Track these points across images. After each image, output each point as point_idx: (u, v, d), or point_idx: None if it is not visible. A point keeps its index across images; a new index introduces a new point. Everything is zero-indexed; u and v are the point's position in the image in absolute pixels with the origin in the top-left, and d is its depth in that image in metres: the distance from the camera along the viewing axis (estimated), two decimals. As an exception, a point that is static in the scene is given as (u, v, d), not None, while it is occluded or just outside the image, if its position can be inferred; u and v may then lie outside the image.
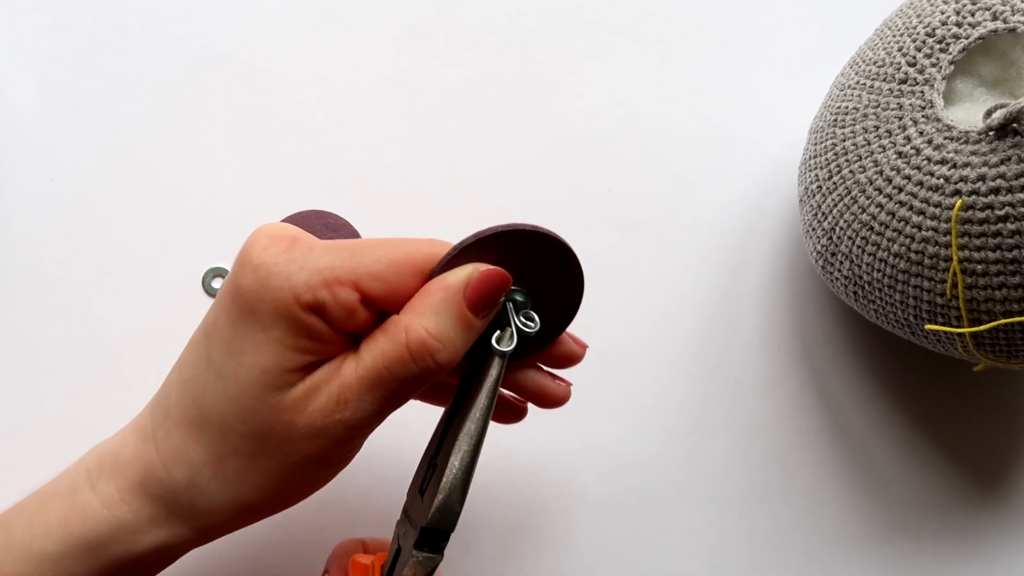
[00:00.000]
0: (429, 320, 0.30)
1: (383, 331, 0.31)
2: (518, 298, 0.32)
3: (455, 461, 0.30)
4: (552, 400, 0.35)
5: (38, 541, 0.31)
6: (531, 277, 0.32)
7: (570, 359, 0.36)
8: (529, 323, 0.32)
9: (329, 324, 0.30)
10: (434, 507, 0.30)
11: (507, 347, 0.31)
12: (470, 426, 0.30)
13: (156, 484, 0.31)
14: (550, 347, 0.35)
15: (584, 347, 0.36)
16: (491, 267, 0.31)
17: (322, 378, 0.30)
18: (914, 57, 0.37)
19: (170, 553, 0.32)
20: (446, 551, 0.31)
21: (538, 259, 0.32)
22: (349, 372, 0.30)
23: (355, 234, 0.45)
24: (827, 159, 0.39)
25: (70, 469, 0.34)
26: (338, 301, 0.30)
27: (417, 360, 0.30)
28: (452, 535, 0.31)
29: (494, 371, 0.31)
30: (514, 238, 0.31)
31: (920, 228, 0.35)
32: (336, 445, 0.30)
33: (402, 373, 0.30)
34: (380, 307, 0.31)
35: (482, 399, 0.31)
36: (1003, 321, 0.35)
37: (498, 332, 0.31)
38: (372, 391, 0.30)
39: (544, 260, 0.32)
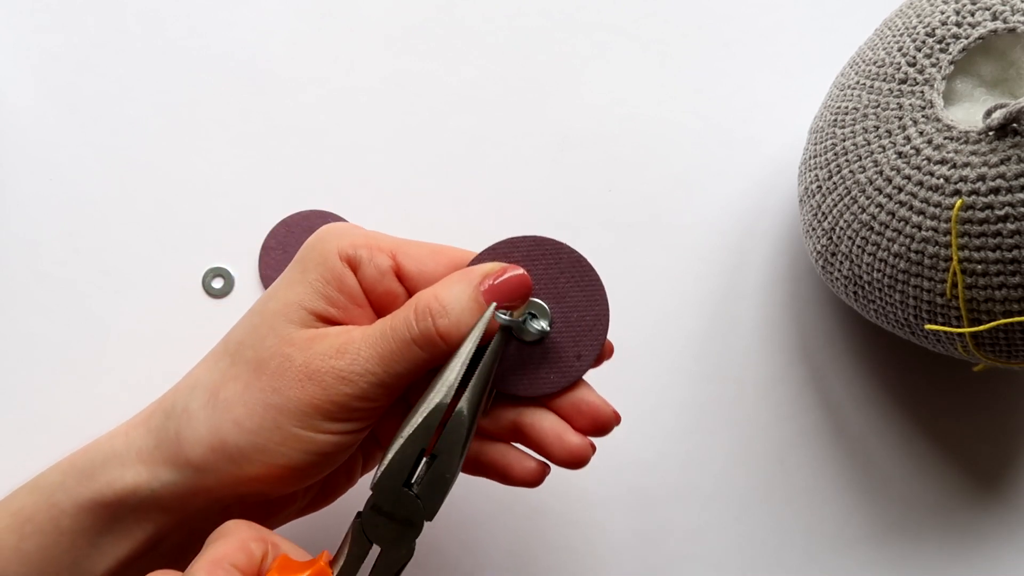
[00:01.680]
0: (440, 289, 0.31)
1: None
2: (538, 304, 0.33)
3: (460, 453, 0.30)
4: (567, 457, 0.32)
5: (45, 474, 0.33)
6: (555, 296, 0.32)
7: (598, 421, 0.32)
8: (537, 324, 0.32)
9: (361, 284, 0.32)
10: (441, 500, 0.30)
11: (502, 317, 0.31)
12: (466, 410, 0.30)
13: (160, 414, 0.33)
14: (573, 395, 0.32)
15: (614, 415, 0.32)
16: (516, 266, 0.32)
17: (334, 332, 0.31)
18: (914, 57, 0.37)
19: (147, 507, 0.32)
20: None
21: (565, 279, 0.32)
22: (357, 329, 0.31)
23: (355, 234, 0.45)
24: (827, 159, 0.39)
25: None
26: (373, 261, 0.32)
27: (419, 320, 0.30)
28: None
29: (491, 347, 0.31)
30: (545, 246, 0.32)
31: (920, 228, 0.35)
32: (323, 393, 0.30)
33: (401, 332, 0.30)
34: (409, 287, 0.32)
35: (478, 380, 0.30)
36: (1003, 321, 0.35)
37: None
38: (371, 347, 0.31)
39: (571, 281, 0.32)
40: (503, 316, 0.31)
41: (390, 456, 0.30)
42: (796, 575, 0.44)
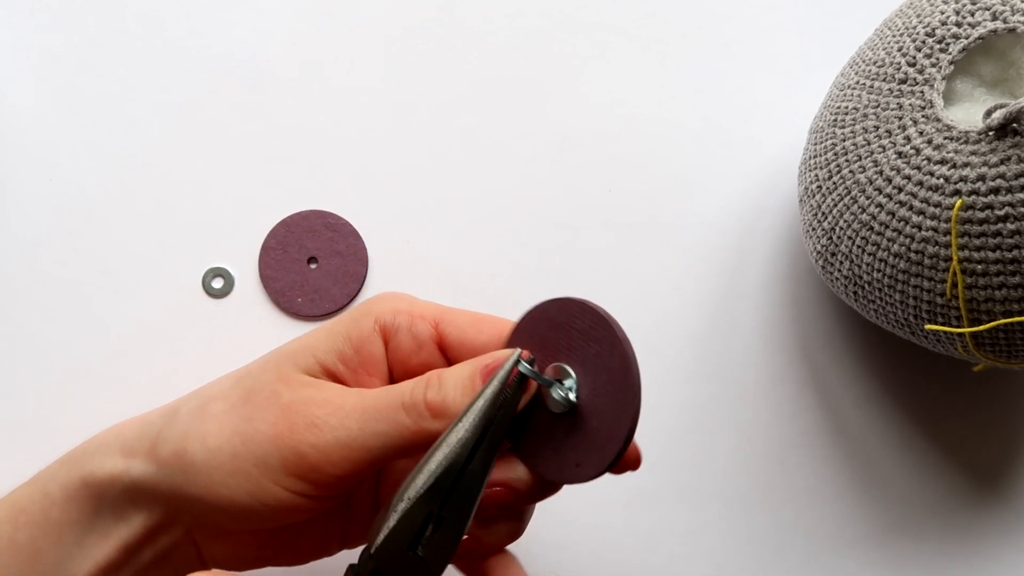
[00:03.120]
0: (447, 376, 0.29)
1: None
2: (567, 372, 0.29)
3: (469, 514, 0.27)
4: None
5: (48, 466, 0.34)
6: (589, 372, 0.29)
7: None
8: (562, 391, 0.29)
9: (395, 353, 0.31)
10: (445, 563, 0.28)
11: (528, 367, 0.28)
12: (478, 467, 0.27)
13: (159, 411, 0.33)
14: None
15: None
16: (510, 350, 0.29)
17: (335, 387, 0.31)
18: (914, 57, 0.37)
19: (126, 499, 0.32)
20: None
21: (590, 343, 0.29)
22: (357, 391, 0.30)
23: (355, 233, 0.45)
24: (827, 159, 0.39)
25: None
26: (412, 330, 0.31)
27: (415, 388, 0.29)
28: None
29: (490, 390, 0.28)
30: (594, 319, 0.28)
31: (920, 228, 0.35)
32: (288, 439, 0.29)
33: (395, 394, 0.29)
34: (452, 356, 0.31)
35: (471, 426, 0.27)
36: (1003, 321, 0.35)
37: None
38: (358, 400, 0.29)
39: (595, 346, 0.29)
40: (526, 366, 0.28)
41: (395, 519, 0.27)
42: (796, 575, 0.44)
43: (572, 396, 0.28)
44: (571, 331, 0.29)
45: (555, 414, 0.29)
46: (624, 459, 0.29)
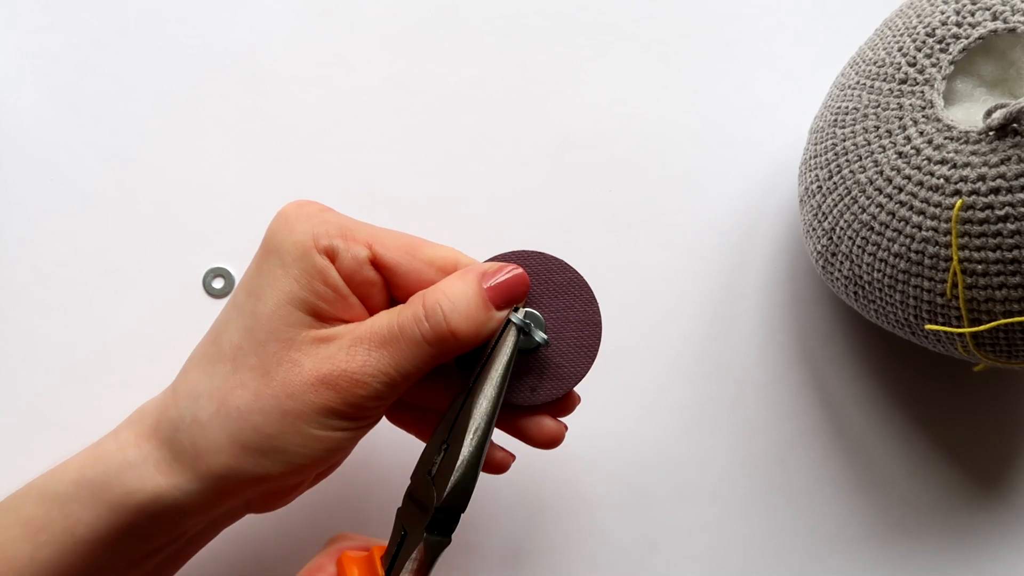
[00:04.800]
0: (447, 286, 0.32)
1: (404, 303, 0.32)
2: (535, 316, 0.34)
3: (469, 439, 0.31)
4: (543, 436, 0.35)
5: (52, 484, 0.33)
6: (552, 310, 0.34)
7: (553, 440, 0.35)
8: (539, 335, 0.33)
9: (340, 274, 0.32)
10: (449, 485, 0.31)
11: (518, 318, 0.32)
12: (482, 403, 0.31)
13: (167, 425, 0.32)
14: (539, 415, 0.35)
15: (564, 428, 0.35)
16: (514, 267, 0.33)
17: (337, 332, 0.32)
18: (914, 57, 0.37)
19: (170, 514, 0.32)
20: (445, 552, 0.31)
21: (562, 295, 0.34)
22: (362, 329, 0.32)
23: (355, 234, 0.45)
24: (827, 159, 0.39)
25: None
26: (350, 252, 0.32)
27: (430, 317, 0.31)
28: (455, 534, 0.31)
29: (509, 345, 0.32)
30: (536, 261, 0.33)
31: (920, 228, 0.35)
32: (338, 396, 0.31)
33: (413, 331, 0.31)
34: (388, 277, 0.33)
35: (495, 374, 0.32)
36: (1003, 321, 0.35)
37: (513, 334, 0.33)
38: (382, 347, 0.31)
39: (566, 298, 0.34)
40: (517, 317, 0.32)
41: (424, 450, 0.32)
42: (796, 575, 0.44)
43: (544, 336, 0.33)
44: (547, 283, 0.33)
45: (521, 351, 0.34)
46: (569, 402, 0.35)
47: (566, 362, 0.34)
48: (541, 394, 0.34)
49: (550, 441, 0.35)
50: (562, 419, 0.35)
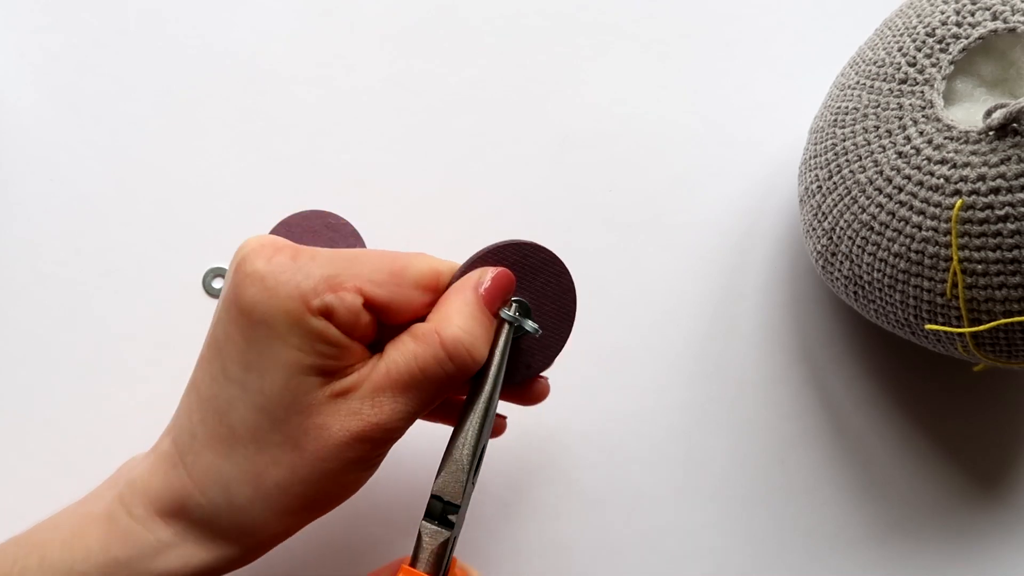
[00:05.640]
0: (459, 320, 0.32)
1: (412, 336, 0.32)
2: (523, 304, 0.35)
3: (465, 430, 0.32)
4: (535, 395, 0.37)
5: (79, 565, 0.31)
6: (531, 290, 0.35)
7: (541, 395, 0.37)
8: (530, 324, 0.34)
9: (339, 329, 0.31)
10: (441, 475, 0.31)
11: (508, 315, 0.33)
12: (478, 399, 0.32)
13: (195, 508, 0.31)
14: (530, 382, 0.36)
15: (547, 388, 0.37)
16: (497, 268, 0.33)
17: (351, 383, 0.31)
18: (914, 57, 0.37)
19: (219, 572, 0.32)
20: (453, 548, 0.31)
21: (537, 274, 0.35)
22: (380, 376, 0.31)
23: (355, 233, 0.45)
24: (827, 159, 0.39)
25: (100, 491, 0.33)
26: (344, 304, 0.30)
27: (454, 358, 0.31)
28: (458, 532, 0.31)
29: (501, 341, 0.33)
30: (510, 251, 0.34)
31: (920, 228, 0.35)
32: (373, 447, 0.31)
33: (437, 372, 0.31)
34: (380, 313, 0.32)
35: (491, 372, 0.33)
36: (1003, 321, 0.35)
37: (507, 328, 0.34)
38: (406, 392, 0.31)
39: (542, 276, 0.35)
40: (508, 313, 0.33)
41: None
42: (796, 575, 0.44)
43: (535, 324, 0.34)
44: (522, 267, 0.34)
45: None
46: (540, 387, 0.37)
47: (550, 331, 0.35)
48: (535, 368, 0.35)
49: (541, 397, 0.37)
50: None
